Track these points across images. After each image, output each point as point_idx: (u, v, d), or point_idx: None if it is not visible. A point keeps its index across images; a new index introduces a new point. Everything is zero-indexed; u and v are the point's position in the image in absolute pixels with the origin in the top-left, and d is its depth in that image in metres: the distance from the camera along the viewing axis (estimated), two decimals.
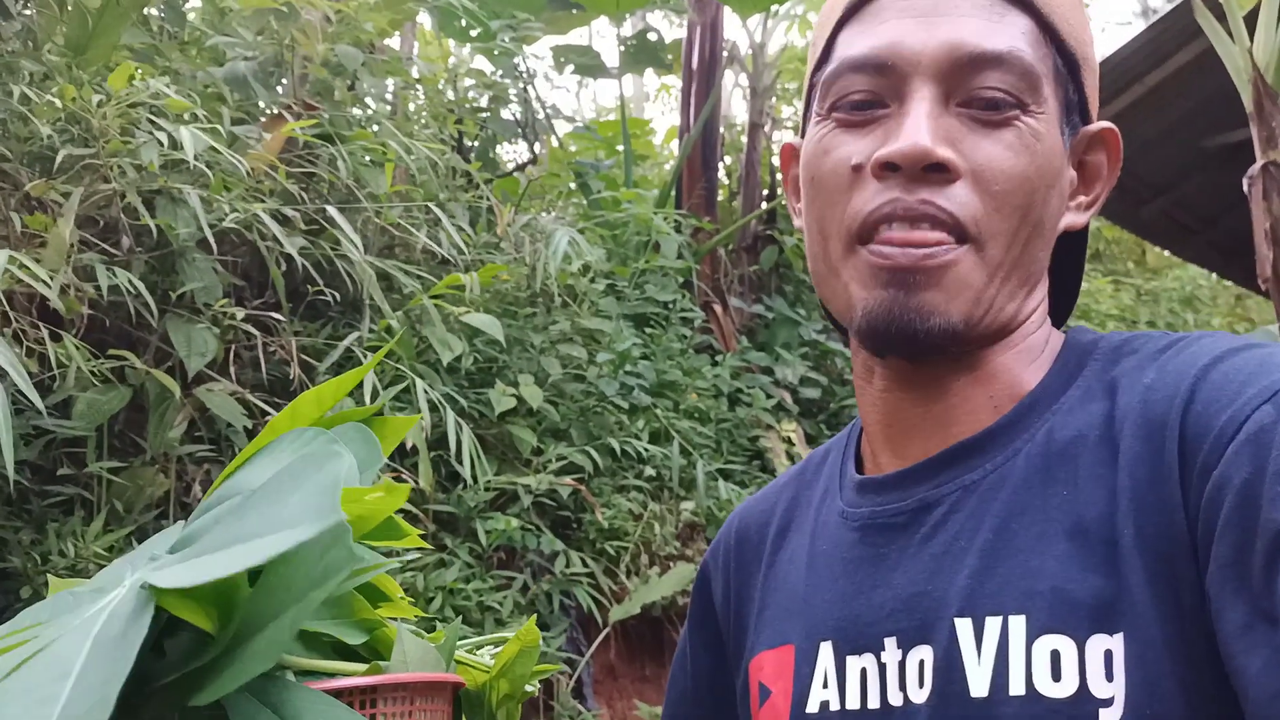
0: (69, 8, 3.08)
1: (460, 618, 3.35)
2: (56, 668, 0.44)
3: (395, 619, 0.67)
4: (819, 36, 0.80)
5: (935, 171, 0.69)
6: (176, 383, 2.96)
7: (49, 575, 0.60)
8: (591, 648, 3.81)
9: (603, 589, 3.84)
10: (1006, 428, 0.72)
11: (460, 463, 3.29)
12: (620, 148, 6.27)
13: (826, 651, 0.74)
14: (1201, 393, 0.63)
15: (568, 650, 3.72)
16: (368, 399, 3.11)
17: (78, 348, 2.62)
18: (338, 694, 0.55)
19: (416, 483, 3.31)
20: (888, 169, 0.70)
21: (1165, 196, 5.89)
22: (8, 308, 2.56)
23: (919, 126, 0.69)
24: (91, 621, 0.46)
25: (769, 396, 5.12)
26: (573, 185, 5.77)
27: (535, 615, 0.80)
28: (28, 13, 3.01)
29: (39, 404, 2.22)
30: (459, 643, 0.72)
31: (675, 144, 6.96)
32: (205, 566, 0.49)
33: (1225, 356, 0.65)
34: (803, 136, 0.81)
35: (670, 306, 5.01)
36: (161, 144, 2.72)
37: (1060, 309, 0.87)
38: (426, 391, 3.20)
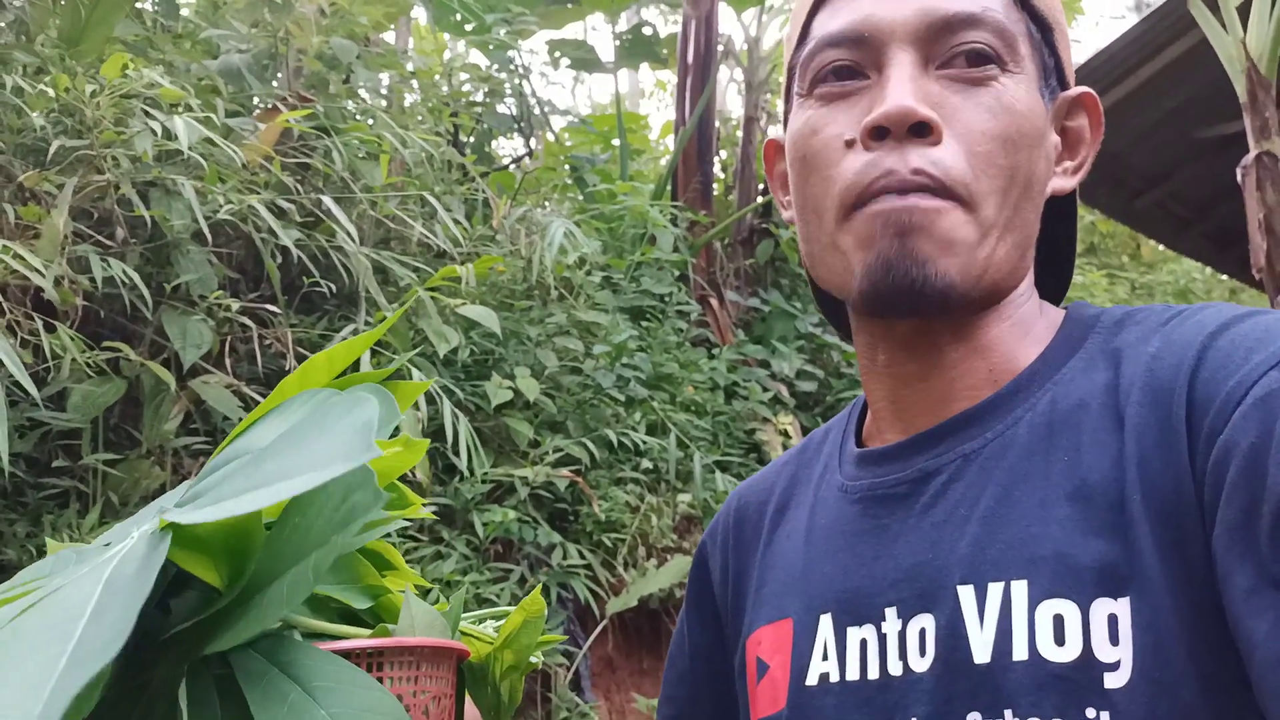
0: (61, 0, 3.08)
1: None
2: (69, 608, 0.43)
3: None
4: (795, 22, 0.81)
5: (920, 133, 0.70)
6: (172, 375, 2.95)
7: (48, 540, 0.59)
8: (589, 640, 3.81)
9: (600, 581, 3.84)
10: (1007, 398, 0.73)
11: (457, 454, 3.29)
12: (616, 142, 6.27)
13: (826, 624, 0.74)
14: (1209, 359, 0.64)
15: (565, 643, 3.72)
16: None
17: (73, 339, 2.61)
18: (345, 655, 0.55)
19: (413, 475, 3.30)
20: (876, 136, 0.70)
21: (1159, 188, 5.91)
22: (2, 299, 2.55)
23: (902, 88, 0.70)
24: (103, 567, 0.46)
25: (765, 390, 5.13)
26: (569, 180, 5.77)
27: (539, 586, 0.79)
28: (19, 4, 3.01)
29: (35, 394, 2.21)
30: (462, 615, 0.72)
31: (671, 139, 6.96)
32: (226, 507, 0.48)
33: (1231, 324, 0.66)
34: (785, 130, 0.82)
35: (666, 300, 5.01)
36: (155, 134, 2.72)
37: (1056, 285, 0.87)
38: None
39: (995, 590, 0.65)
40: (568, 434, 4.02)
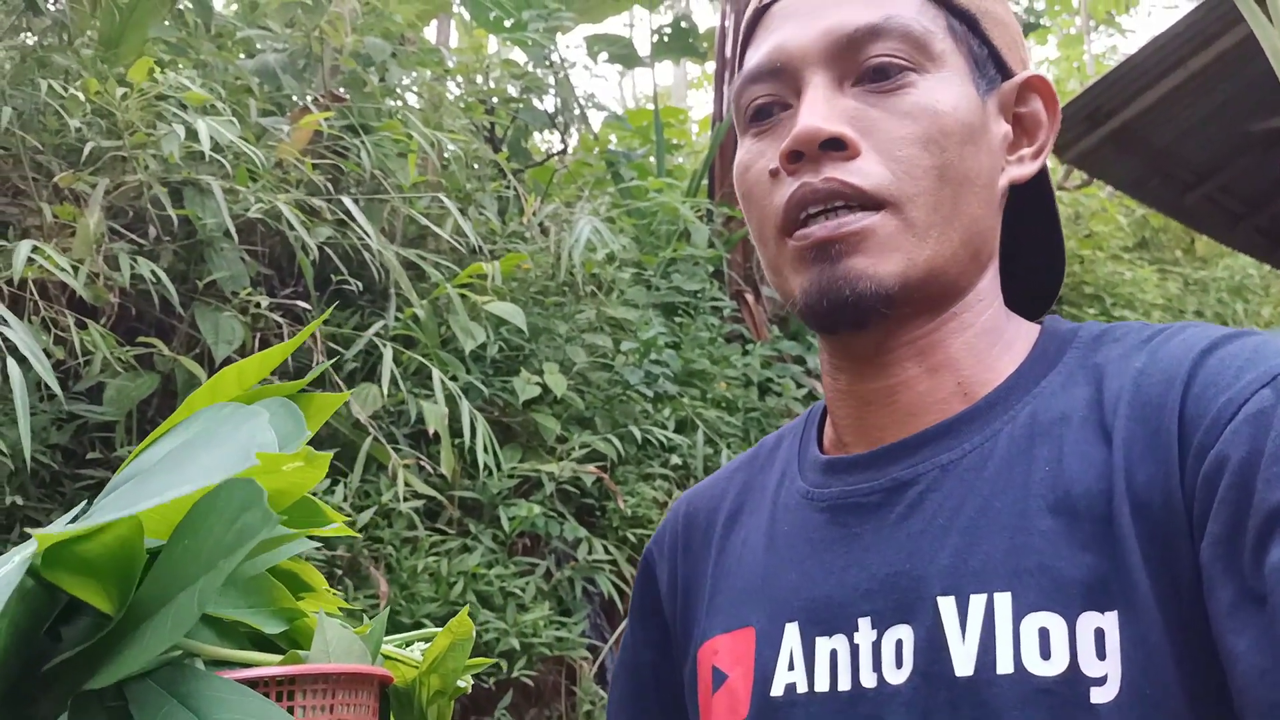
0: (101, 3, 3.15)
1: (482, 603, 3.40)
2: None
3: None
4: (736, 56, 0.83)
5: (834, 149, 0.71)
6: (204, 370, 3.02)
7: None
8: (614, 634, 3.84)
9: (625, 576, 3.86)
10: (985, 410, 0.72)
11: (475, 451, 3.33)
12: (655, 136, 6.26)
13: (792, 633, 0.73)
14: (1200, 376, 0.64)
15: (590, 637, 3.75)
16: (385, 388, 3.15)
17: (103, 335, 2.69)
18: (252, 684, 0.52)
19: (438, 469, 3.35)
20: (793, 160, 0.72)
21: (1210, 182, 5.78)
22: (38, 296, 2.63)
23: (811, 110, 0.71)
24: None
25: (800, 386, 5.10)
26: (606, 175, 5.78)
27: (466, 607, 0.77)
28: (59, 7, 3.09)
29: (58, 391, 2.28)
30: (388, 638, 0.70)
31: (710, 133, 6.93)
32: (93, 520, 0.47)
33: (1221, 343, 0.66)
34: None
35: (699, 295, 5.01)
36: (179, 136, 2.78)
37: (1044, 291, 0.86)
38: (443, 381, 3.23)
39: (978, 602, 0.64)
40: (596, 430, 4.04)
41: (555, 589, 3.69)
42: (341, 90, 3.92)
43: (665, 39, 6.49)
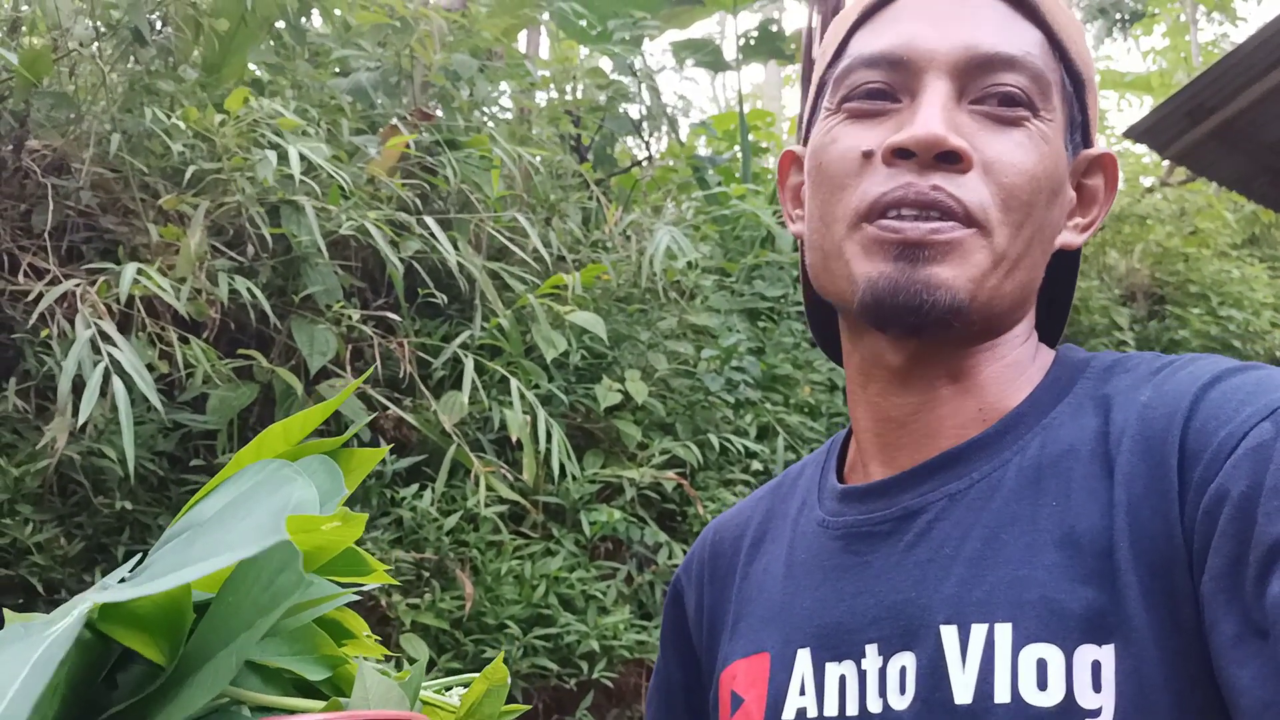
0: (203, 30, 3.32)
1: (564, 606, 3.48)
2: None
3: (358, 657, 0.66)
4: (832, 38, 0.82)
5: (947, 161, 0.71)
6: (300, 380, 3.17)
7: (5, 611, 0.62)
8: None
9: None
10: (994, 438, 0.73)
11: (552, 459, 3.42)
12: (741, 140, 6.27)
13: (804, 658, 0.75)
14: (1201, 410, 0.65)
15: None
16: (467, 396, 3.25)
17: (204, 349, 2.84)
18: None
19: (520, 476, 3.44)
20: (899, 155, 0.71)
21: None
22: (144, 314, 2.80)
23: (933, 115, 0.71)
24: (34, 646, 0.48)
25: None
26: (691, 180, 5.82)
27: (501, 653, 0.80)
28: (164, 36, 3.26)
29: (158, 405, 2.43)
30: (426, 683, 0.71)
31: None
32: (143, 588, 0.51)
33: (1224, 376, 0.67)
34: (803, 142, 0.84)
35: (783, 300, 5.01)
36: (272, 163, 2.92)
37: (1051, 328, 0.88)
38: (521, 390, 3.32)
39: (979, 631, 0.66)
40: (677, 436, 4.08)
41: (636, 593, 3.75)
42: (432, 104, 4.06)
43: (752, 42, 6.49)
